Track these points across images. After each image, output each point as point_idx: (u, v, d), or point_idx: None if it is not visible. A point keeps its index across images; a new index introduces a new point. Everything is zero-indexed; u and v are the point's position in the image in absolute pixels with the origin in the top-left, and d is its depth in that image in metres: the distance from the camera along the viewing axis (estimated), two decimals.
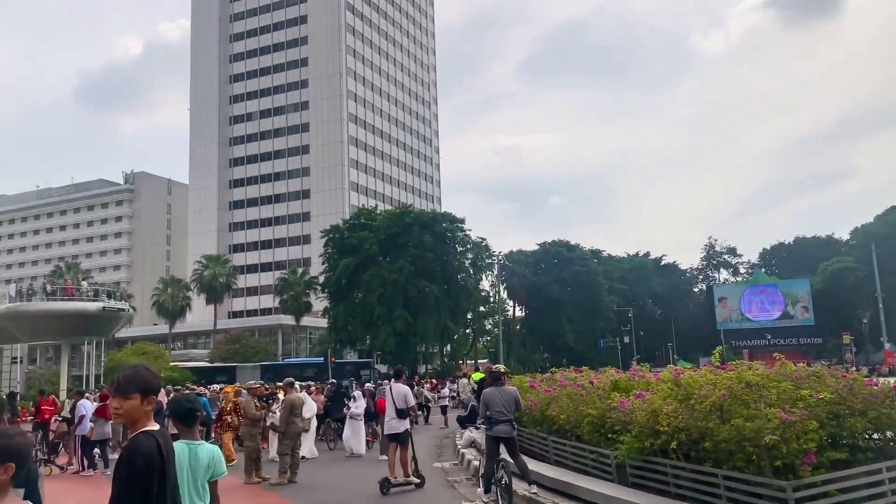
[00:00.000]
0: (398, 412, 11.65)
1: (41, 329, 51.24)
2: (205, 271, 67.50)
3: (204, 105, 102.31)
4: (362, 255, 56.97)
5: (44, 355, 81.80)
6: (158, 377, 3.59)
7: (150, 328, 78.41)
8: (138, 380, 3.42)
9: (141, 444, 3.26)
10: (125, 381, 3.42)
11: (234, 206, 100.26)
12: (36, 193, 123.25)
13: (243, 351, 58.46)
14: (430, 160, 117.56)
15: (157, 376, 3.59)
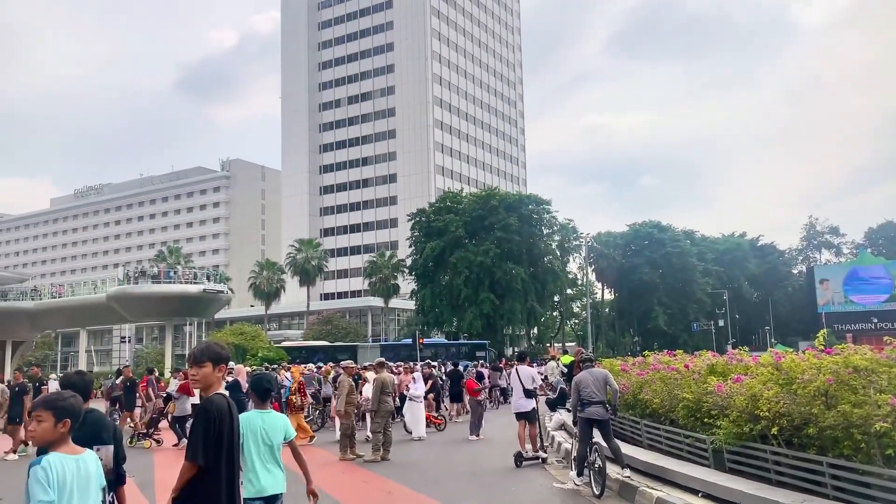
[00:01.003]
0: (526, 392, 12.30)
1: (146, 310, 54.01)
2: (297, 255, 69.49)
3: (295, 93, 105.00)
4: (448, 238, 57.32)
5: (149, 335, 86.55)
6: (227, 349, 4.35)
7: (247, 309, 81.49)
8: (210, 351, 4.23)
9: (215, 401, 4.09)
10: (199, 353, 4.23)
11: (325, 191, 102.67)
12: (139, 182, 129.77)
13: (335, 332, 59.94)
14: (515, 142, 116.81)
15: (225, 349, 4.34)
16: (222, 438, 4.03)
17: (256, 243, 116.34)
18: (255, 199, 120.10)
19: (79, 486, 3.32)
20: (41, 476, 3.21)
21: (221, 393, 4.19)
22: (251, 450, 4.97)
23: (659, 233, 73.30)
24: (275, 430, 5.10)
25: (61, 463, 3.30)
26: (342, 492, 10.23)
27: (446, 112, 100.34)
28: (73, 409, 3.49)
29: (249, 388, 5.72)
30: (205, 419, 4.03)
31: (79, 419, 3.56)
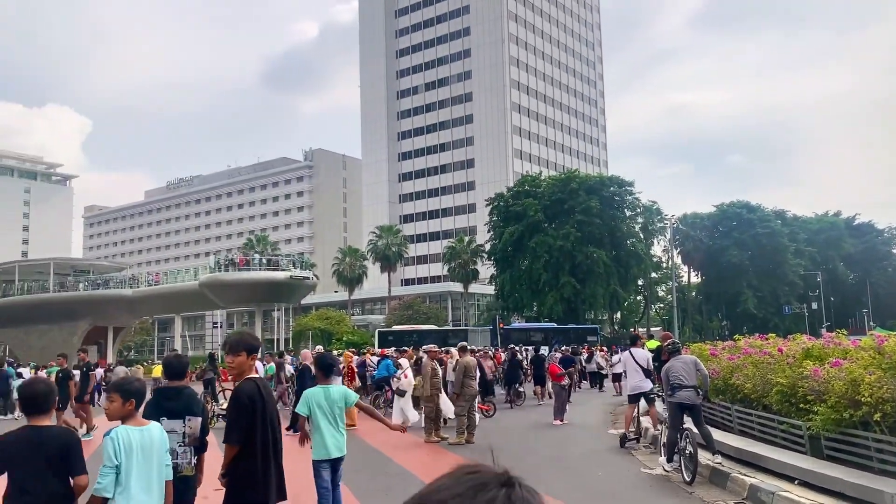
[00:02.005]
0: (645, 372, 12.52)
1: (236, 296, 56.11)
2: (378, 241, 70.61)
3: (373, 81, 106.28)
4: (527, 223, 56.97)
5: (240, 320, 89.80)
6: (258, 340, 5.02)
7: (331, 295, 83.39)
8: (244, 342, 4.73)
9: (246, 386, 4.59)
10: (235, 343, 4.73)
11: (403, 177, 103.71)
12: (227, 173, 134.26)
13: (416, 317, 60.70)
14: (595, 123, 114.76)
15: (257, 339, 4.87)
16: (255, 420, 4.48)
17: (339, 230, 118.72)
18: (336, 188, 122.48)
19: (143, 450, 4.06)
20: (108, 445, 4.00)
21: (252, 378, 4.69)
22: (318, 419, 6.04)
23: (748, 213, 70.64)
24: (336, 400, 6.08)
25: (127, 434, 4.04)
26: (428, 473, 10.38)
27: (524, 95, 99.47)
28: (137, 392, 4.26)
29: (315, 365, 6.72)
30: (237, 405, 4.51)
31: (143, 399, 4.32)
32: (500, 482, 1.00)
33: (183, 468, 4.72)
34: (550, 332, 44.30)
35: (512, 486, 1.00)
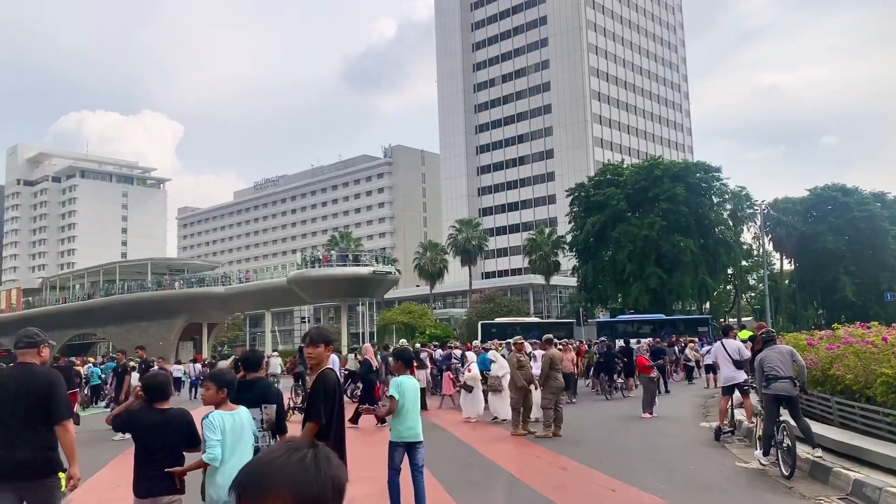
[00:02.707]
0: (735, 364, 12.34)
1: (322, 292, 57.51)
2: (458, 235, 70.87)
3: (450, 75, 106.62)
4: (610, 212, 55.96)
5: (326, 315, 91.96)
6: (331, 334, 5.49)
7: (413, 289, 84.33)
8: (321, 334, 5.31)
9: (329, 374, 5.16)
10: (316, 336, 5.30)
11: (482, 171, 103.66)
12: (311, 172, 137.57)
13: (497, 310, 60.58)
14: (679, 108, 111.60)
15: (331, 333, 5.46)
16: (335, 402, 5.05)
17: (419, 225, 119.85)
18: (416, 183, 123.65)
19: (234, 431, 4.78)
20: (209, 424, 4.71)
21: (330, 367, 5.26)
22: (406, 405, 6.81)
23: (844, 196, 67.17)
24: (415, 390, 7.01)
25: (221, 417, 4.78)
26: (516, 466, 10.41)
27: (603, 82, 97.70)
28: (229, 382, 5.08)
29: (395, 357, 7.46)
30: (324, 388, 5.03)
31: (233, 388, 5.09)
32: (308, 446, 1.42)
33: None
34: (659, 323, 43.21)
35: (317, 448, 1.42)
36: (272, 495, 1.33)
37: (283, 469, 1.36)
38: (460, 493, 8.34)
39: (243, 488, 1.37)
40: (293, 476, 1.35)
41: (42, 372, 4.74)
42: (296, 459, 1.37)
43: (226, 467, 4.67)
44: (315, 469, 1.37)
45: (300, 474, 1.36)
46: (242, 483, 1.38)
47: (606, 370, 21.53)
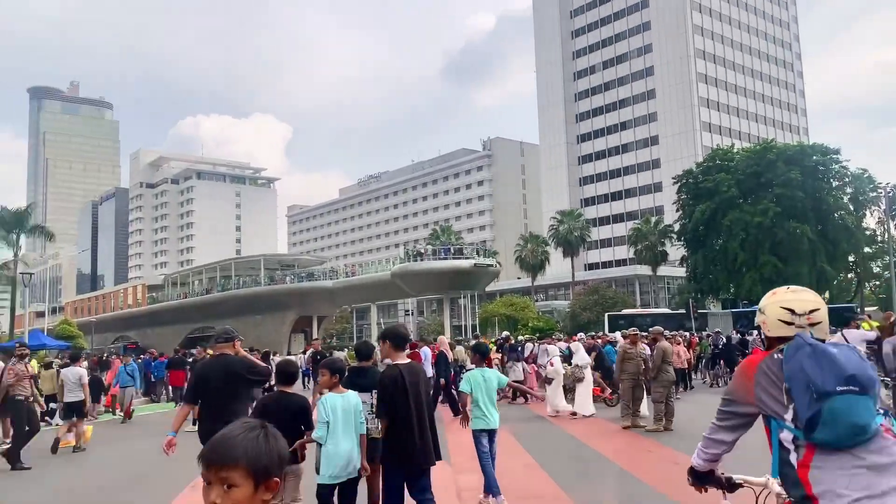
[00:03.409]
0: None
1: (425, 285, 58.28)
2: (560, 226, 70.04)
3: (548, 64, 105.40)
4: (719, 199, 53.76)
5: (429, 308, 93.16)
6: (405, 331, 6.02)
7: (514, 282, 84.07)
8: (386, 332, 5.79)
9: (388, 371, 5.55)
10: (382, 333, 5.83)
11: (583, 160, 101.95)
12: (411, 167, 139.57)
13: (602, 302, 59.53)
14: (792, 87, 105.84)
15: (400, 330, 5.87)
16: (396, 398, 5.36)
17: (519, 217, 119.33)
18: (515, 175, 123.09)
19: (344, 411, 5.44)
20: (321, 407, 5.43)
21: (397, 364, 5.56)
22: (478, 396, 7.24)
23: None
24: (492, 381, 7.37)
25: (333, 399, 5.47)
26: (626, 460, 10.15)
27: (710, 64, 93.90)
28: (341, 369, 5.77)
29: (471, 351, 7.91)
30: (382, 387, 5.49)
31: (344, 374, 5.81)
32: (261, 426, 1.74)
33: (372, 433, 5.78)
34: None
35: (267, 427, 1.75)
36: (231, 464, 1.64)
37: (241, 443, 1.66)
38: (571, 485, 8.21)
39: (208, 460, 1.67)
40: (248, 449, 1.66)
41: (236, 360, 6.25)
42: (252, 436, 1.69)
43: (335, 443, 5.39)
44: (266, 443, 1.69)
45: (254, 447, 1.67)
46: (207, 455, 1.67)
47: (727, 362, 20.74)
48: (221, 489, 1.66)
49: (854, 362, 2.45)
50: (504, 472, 9.33)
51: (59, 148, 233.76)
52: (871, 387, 2.42)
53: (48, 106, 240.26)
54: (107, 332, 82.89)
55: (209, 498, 1.68)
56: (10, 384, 11.32)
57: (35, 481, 10.14)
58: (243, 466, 1.65)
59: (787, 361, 2.56)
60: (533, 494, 8.01)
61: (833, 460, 2.44)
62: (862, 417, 2.39)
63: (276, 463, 1.71)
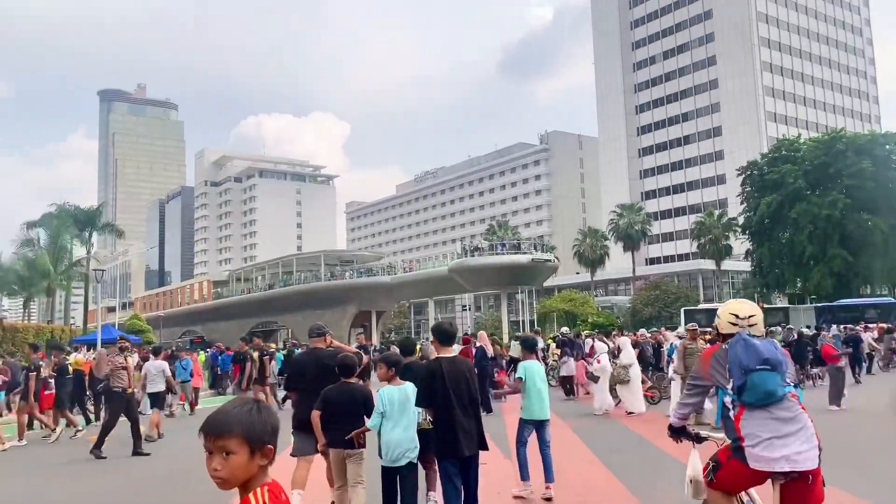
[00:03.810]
0: None
1: (482, 280, 58.20)
2: (620, 220, 69.05)
3: (607, 56, 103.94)
4: (786, 191, 52.17)
5: (486, 303, 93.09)
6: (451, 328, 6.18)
7: (573, 277, 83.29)
8: (433, 329, 6.12)
9: (429, 364, 5.93)
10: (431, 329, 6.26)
11: (644, 152, 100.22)
12: (467, 163, 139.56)
13: (663, 297, 58.55)
14: (863, 74, 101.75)
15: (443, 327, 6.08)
16: (435, 389, 5.63)
17: (577, 211, 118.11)
18: (573, 169, 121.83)
19: (399, 402, 5.80)
20: (378, 399, 5.82)
21: (439, 357, 5.87)
22: (531, 387, 7.45)
23: None
24: (541, 372, 7.65)
25: (389, 391, 5.83)
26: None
27: (775, 52, 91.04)
28: (395, 362, 6.17)
29: (521, 345, 8.18)
30: (420, 379, 5.85)
31: (400, 367, 6.20)
32: (254, 401, 2.03)
33: (421, 424, 6.18)
34: (888, 307, 39.47)
35: (260, 402, 2.04)
36: (227, 434, 1.91)
37: (235, 415, 1.93)
38: (634, 483, 8.11)
39: (207, 431, 1.93)
40: (241, 420, 1.93)
41: (328, 353, 6.91)
42: (245, 409, 1.96)
43: (392, 431, 5.76)
44: (258, 415, 1.96)
45: (247, 418, 1.93)
46: (206, 427, 1.94)
47: (797, 359, 20.09)
48: (221, 457, 1.91)
49: (769, 350, 3.75)
50: (564, 467, 9.28)
51: (128, 148, 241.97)
52: (778, 366, 3.71)
53: (117, 108, 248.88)
54: (174, 327, 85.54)
55: (210, 465, 1.92)
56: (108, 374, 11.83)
57: (116, 469, 10.61)
58: (238, 435, 1.91)
59: (730, 350, 3.85)
60: (594, 490, 7.95)
61: (755, 414, 3.72)
62: (771, 386, 3.68)
63: (268, 432, 1.97)
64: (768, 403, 3.69)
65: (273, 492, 1.96)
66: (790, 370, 3.83)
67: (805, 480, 3.65)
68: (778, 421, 3.68)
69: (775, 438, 3.64)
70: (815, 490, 3.68)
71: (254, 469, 1.95)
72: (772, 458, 3.62)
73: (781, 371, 3.72)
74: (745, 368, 3.71)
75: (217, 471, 1.92)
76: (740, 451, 3.75)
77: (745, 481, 3.88)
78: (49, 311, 62.05)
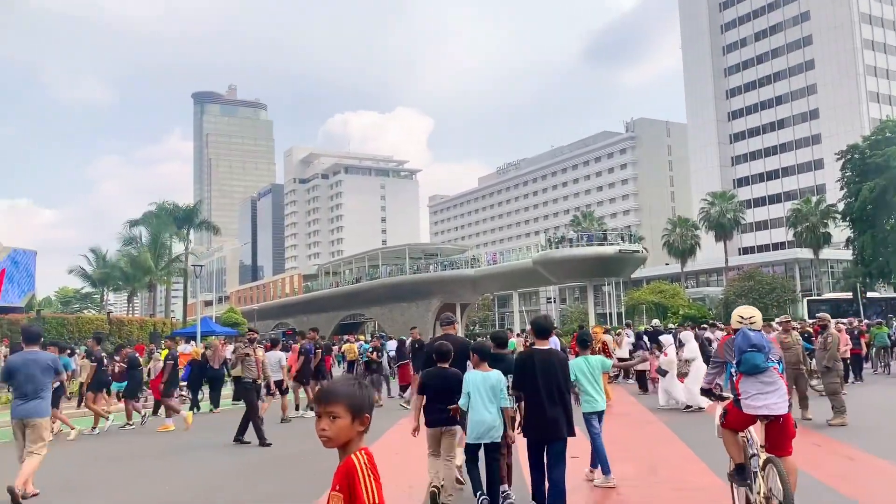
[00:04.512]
0: None
1: (567, 272, 57.55)
2: (710, 209, 66.86)
3: (696, 39, 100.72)
4: (891, 175, 49.13)
5: (571, 295, 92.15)
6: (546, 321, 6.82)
7: (662, 268, 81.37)
8: (532, 323, 6.81)
9: (520, 354, 6.72)
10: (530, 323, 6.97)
11: (735, 138, 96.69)
12: (550, 153, 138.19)
13: (758, 288, 56.33)
14: None
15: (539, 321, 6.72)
16: (526, 377, 6.30)
17: (666, 201, 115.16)
18: (661, 157, 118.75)
19: (484, 387, 6.40)
20: (464, 383, 6.50)
21: (531, 349, 6.63)
22: (582, 381, 7.64)
23: None
24: (595, 366, 7.72)
25: (474, 376, 6.51)
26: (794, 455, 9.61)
27: (877, 28, 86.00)
28: (483, 351, 6.73)
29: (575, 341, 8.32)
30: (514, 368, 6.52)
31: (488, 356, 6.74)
32: (357, 380, 2.51)
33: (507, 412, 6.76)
34: None
35: (362, 381, 2.54)
36: (335, 401, 2.38)
37: (342, 388, 2.43)
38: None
39: (319, 398, 2.41)
40: (347, 392, 2.41)
41: (458, 339, 7.88)
42: (350, 384, 2.46)
43: (476, 411, 6.35)
44: (360, 390, 2.44)
45: (352, 391, 2.42)
46: (319, 395, 2.43)
47: None
48: (329, 420, 2.38)
49: (758, 339, 5.59)
50: (661, 462, 9.17)
51: (221, 148, 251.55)
52: (762, 349, 5.51)
53: (209, 109, 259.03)
54: (267, 319, 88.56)
55: (319, 426, 2.39)
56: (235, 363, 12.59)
57: (251, 448, 11.27)
58: (344, 403, 2.38)
59: (735, 338, 5.73)
60: (693, 486, 7.81)
61: (748, 379, 5.55)
62: (756, 361, 5.50)
63: (367, 404, 2.44)
64: (755, 372, 5.54)
65: (369, 455, 2.41)
66: (774, 352, 5.65)
67: (778, 421, 5.51)
68: (761, 383, 5.53)
69: (759, 394, 5.50)
70: (787, 427, 5.56)
71: (353, 433, 2.40)
72: (756, 406, 5.50)
73: (765, 352, 5.55)
74: (741, 350, 5.61)
75: (324, 430, 2.38)
76: (738, 402, 5.66)
77: (743, 422, 5.75)
78: (151, 305, 65.40)
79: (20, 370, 8.01)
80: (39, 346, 8.60)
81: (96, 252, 59.68)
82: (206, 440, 12.53)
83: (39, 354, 8.26)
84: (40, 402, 7.99)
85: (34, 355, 8.18)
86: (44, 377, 8.04)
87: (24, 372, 7.97)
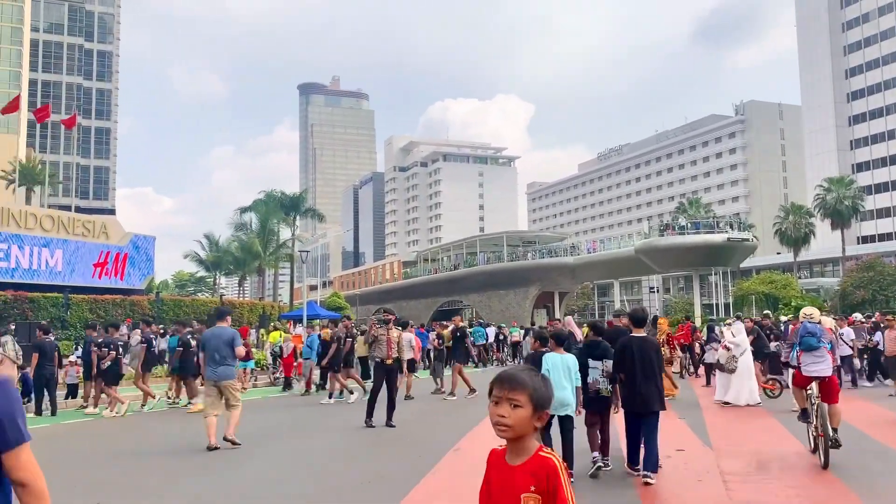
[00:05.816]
0: None
1: (672, 261, 55.91)
2: (827, 195, 63.18)
3: (812, 16, 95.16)
4: None
5: (675, 285, 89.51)
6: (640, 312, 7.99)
7: (773, 257, 77.75)
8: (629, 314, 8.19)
9: (621, 340, 7.69)
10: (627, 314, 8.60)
11: (855, 120, 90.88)
12: (655, 138, 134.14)
13: (878, 279, 52.86)
14: None
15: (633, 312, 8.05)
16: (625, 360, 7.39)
17: (778, 187, 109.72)
18: (773, 141, 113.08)
19: (560, 367, 7.35)
20: (543, 363, 7.35)
21: (629, 336, 7.69)
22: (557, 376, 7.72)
23: None
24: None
25: (553, 357, 7.46)
26: None
27: None
28: (560, 337, 7.83)
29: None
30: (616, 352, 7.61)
31: (563, 341, 7.81)
32: (538, 372, 2.35)
33: (602, 391, 7.78)
34: None
35: (543, 374, 2.54)
36: (520, 389, 2.22)
37: (529, 377, 2.26)
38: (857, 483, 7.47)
39: (503, 381, 2.25)
40: (534, 382, 2.25)
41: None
42: (535, 376, 2.29)
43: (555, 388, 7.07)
44: (544, 382, 2.29)
45: (536, 381, 2.26)
46: (501, 377, 2.28)
47: None
48: (509, 407, 2.21)
49: (813, 328, 8.67)
50: (773, 457, 8.80)
51: (325, 138, 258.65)
52: (815, 334, 8.57)
53: (314, 100, 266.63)
54: (368, 304, 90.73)
55: (498, 412, 2.23)
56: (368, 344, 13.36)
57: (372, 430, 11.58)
58: (528, 392, 2.21)
59: (799, 328, 9.09)
60: (801, 484, 7.45)
61: (806, 354, 8.61)
62: (812, 342, 8.55)
63: (548, 399, 2.28)
64: (810, 349, 8.48)
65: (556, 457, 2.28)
66: (826, 337, 8.57)
67: (825, 381, 8.37)
68: (814, 357, 8.48)
69: (812, 364, 8.47)
70: (833, 385, 8.42)
71: (531, 427, 2.23)
72: (810, 370, 8.49)
73: (817, 336, 8.46)
74: (801, 335, 8.64)
75: (503, 417, 2.21)
76: (799, 369, 8.63)
77: (804, 381, 8.67)
78: (260, 289, 68.25)
79: (210, 341, 9.84)
80: (226, 322, 10.25)
81: (209, 238, 62.80)
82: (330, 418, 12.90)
83: (225, 330, 9.98)
84: (227, 368, 9.82)
85: (220, 330, 9.95)
86: (227, 348, 9.73)
87: (213, 343, 9.77)
